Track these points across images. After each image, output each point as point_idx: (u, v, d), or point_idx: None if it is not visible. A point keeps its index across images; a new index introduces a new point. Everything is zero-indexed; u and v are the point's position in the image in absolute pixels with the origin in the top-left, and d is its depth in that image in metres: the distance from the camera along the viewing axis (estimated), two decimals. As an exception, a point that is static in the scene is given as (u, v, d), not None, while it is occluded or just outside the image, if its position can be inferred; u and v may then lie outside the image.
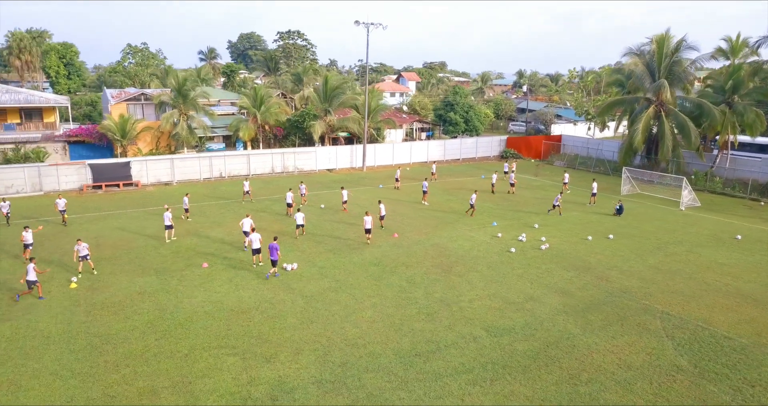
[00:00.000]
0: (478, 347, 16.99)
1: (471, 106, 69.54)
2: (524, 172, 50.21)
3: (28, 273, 20.05)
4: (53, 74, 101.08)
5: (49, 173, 39.08)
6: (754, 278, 23.32)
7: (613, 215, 33.68)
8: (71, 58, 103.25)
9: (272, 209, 34.91)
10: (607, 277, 23.22)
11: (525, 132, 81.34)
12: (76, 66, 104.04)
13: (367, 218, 27.15)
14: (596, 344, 17.29)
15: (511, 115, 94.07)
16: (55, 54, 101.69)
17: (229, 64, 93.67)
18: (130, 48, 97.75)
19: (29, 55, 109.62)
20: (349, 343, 17.25)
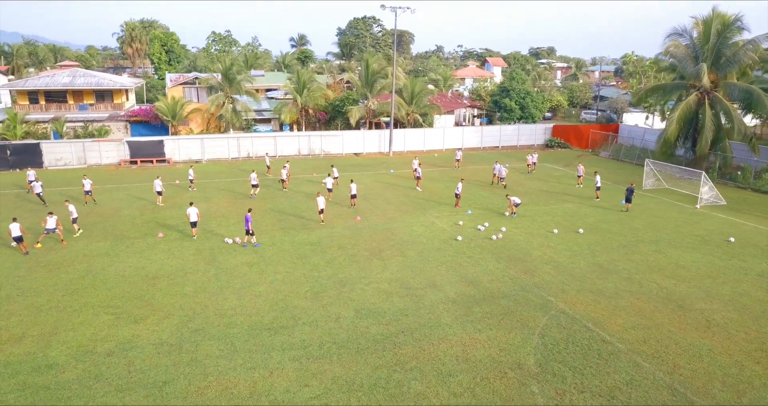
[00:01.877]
0: (333, 327, 17.24)
1: (528, 93, 66.81)
2: (555, 163, 47.80)
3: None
4: (156, 60, 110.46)
5: (92, 149, 43.65)
6: (701, 283, 21.05)
7: (624, 204, 31.50)
8: (172, 46, 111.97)
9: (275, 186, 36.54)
10: (534, 271, 22.11)
11: (596, 121, 76.72)
12: (176, 53, 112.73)
13: (319, 198, 27.85)
14: (455, 335, 16.84)
15: (586, 102, 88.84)
16: (158, 42, 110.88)
17: (304, 50, 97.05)
18: (214, 35, 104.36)
19: (139, 43, 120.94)
20: (219, 313, 18.23)
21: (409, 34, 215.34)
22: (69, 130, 51.75)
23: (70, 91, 56.56)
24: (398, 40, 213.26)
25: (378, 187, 37.27)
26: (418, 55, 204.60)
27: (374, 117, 59.18)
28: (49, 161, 42.79)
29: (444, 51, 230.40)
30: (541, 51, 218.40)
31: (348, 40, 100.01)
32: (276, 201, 33.15)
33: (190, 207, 25.74)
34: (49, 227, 24.49)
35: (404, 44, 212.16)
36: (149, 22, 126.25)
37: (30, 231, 26.14)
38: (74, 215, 26.18)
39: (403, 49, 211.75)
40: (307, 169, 43.21)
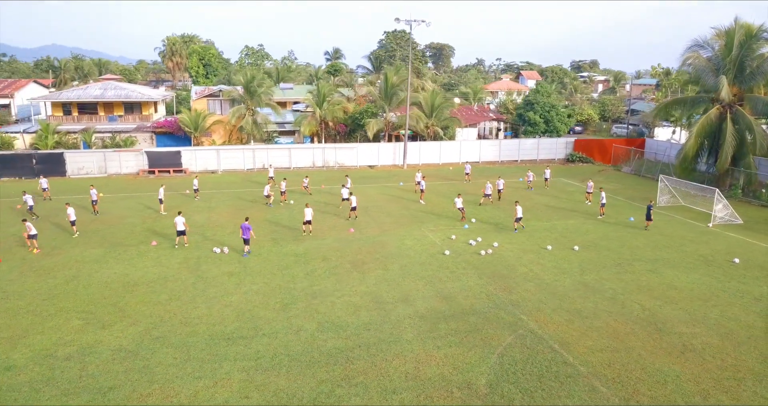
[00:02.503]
0: (291, 339, 17.17)
1: (553, 106, 65.64)
2: (572, 177, 46.65)
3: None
4: (194, 74, 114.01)
5: (113, 158, 45.22)
6: (689, 305, 20.02)
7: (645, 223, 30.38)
8: (209, 59, 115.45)
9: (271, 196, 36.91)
10: (514, 288, 21.52)
11: (626, 135, 74.64)
12: (213, 66, 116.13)
13: (307, 209, 27.96)
14: (412, 351, 16.50)
15: (619, 116, 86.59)
16: (196, 56, 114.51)
17: (334, 63, 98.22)
18: (247, 49, 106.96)
19: (179, 57, 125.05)
20: (185, 321, 18.43)
21: (449, 48, 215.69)
22: (97, 140, 53.80)
23: (101, 103, 58.89)
24: (438, 53, 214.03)
25: (381, 200, 37.18)
26: (458, 68, 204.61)
27: (393, 130, 59.30)
28: (72, 170, 44.52)
29: (485, 64, 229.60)
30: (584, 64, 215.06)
31: (378, 54, 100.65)
32: (275, 212, 33.45)
33: (178, 216, 26.23)
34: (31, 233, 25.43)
35: (444, 58, 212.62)
36: (189, 36, 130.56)
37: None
38: (72, 218, 27.20)
39: (443, 62, 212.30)
40: (317, 181, 43.49)
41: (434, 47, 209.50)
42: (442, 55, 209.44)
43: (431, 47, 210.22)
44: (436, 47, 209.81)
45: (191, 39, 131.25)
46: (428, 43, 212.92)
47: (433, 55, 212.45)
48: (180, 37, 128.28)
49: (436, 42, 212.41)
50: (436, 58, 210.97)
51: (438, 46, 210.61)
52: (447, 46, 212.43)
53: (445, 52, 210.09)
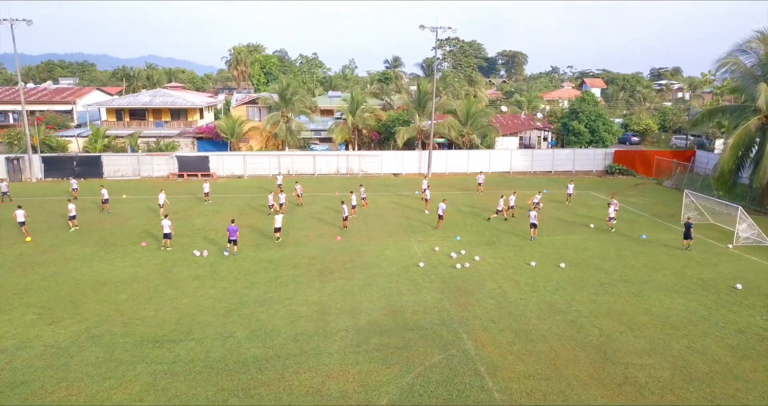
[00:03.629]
0: (216, 345, 17.18)
1: (599, 115, 62.53)
2: (603, 191, 44.13)
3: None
4: (255, 82, 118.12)
5: (146, 162, 47.49)
6: (657, 333, 18.26)
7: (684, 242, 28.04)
8: (270, 68, 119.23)
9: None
10: (471, 304, 20.51)
11: (685, 147, 69.92)
12: (273, 74, 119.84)
13: (278, 216, 28.12)
14: (328, 365, 16.05)
15: (681, 126, 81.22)
16: (258, 64, 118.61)
17: (385, 71, 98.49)
18: (301, 58, 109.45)
19: (244, 66, 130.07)
20: (127, 322, 18.90)
21: (522, 55, 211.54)
22: (143, 144, 56.69)
23: (150, 110, 62.10)
24: (510, 61, 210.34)
25: (386, 208, 36.73)
26: (531, 76, 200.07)
27: (427, 138, 58.59)
28: (109, 172, 47.14)
29: (559, 72, 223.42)
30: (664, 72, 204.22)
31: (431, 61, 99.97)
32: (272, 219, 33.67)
33: (164, 219, 27.02)
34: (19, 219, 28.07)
35: (516, 65, 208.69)
36: (254, 46, 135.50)
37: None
38: (72, 213, 28.80)
39: (516, 70, 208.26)
40: (330, 188, 43.61)
41: (506, 55, 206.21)
42: (514, 63, 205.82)
43: (503, 55, 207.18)
44: (508, 55, 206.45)
45: (256, 48, 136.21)
46: (500, 51, 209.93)
47: (506, 63, 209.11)
48: (245, 47, 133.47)
49: (509, 50, 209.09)
50: (508, 65, 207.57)
51: (510, 53, 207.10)
52: (520, 53, 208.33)
53: (517, 59, 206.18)
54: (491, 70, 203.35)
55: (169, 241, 26.93)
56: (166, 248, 26.98)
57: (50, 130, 57.84)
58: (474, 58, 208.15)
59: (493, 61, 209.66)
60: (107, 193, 35.67)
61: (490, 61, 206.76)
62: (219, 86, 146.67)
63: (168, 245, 26.99)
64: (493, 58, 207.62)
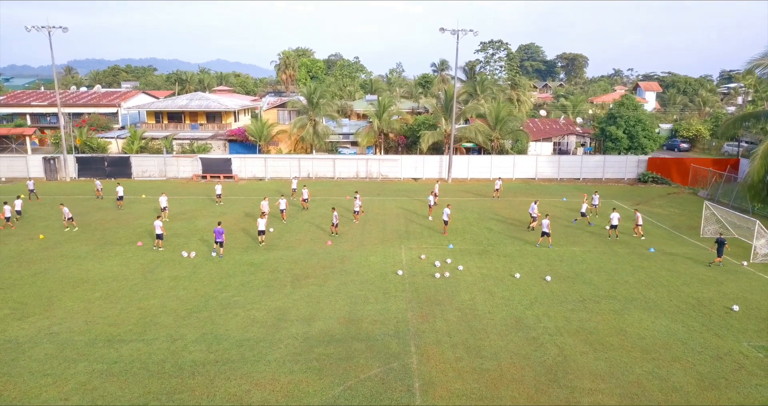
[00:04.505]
0: (162, 347, 17.34)
1: (639, 120, 59.59)
2: (628, 200, 41.95)
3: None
4: (301, 86, 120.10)
5: (171, 163, 49.01)
6: (622, 356, 17.01)
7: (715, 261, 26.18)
8: (316, 72, 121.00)
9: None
10: (434, 316, 19.83)
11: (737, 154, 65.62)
12: (320, 78, 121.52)
13: (261, 220, 28.19)
14: (261, 373, 15.88)
15: (735, 133, 76.15)
16: (305, 69, 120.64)
17: (425, 75, 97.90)
18: (343, 61, 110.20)
19: (292, 70, 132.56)
20: (90, 320, 19.40)
21: (582, 58, 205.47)
22: (177, 146, 58.63)
23: (187, 112, 64.16)
24: (570, 63, 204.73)
25: (391, 213, 36.28)
26: (592, 79, 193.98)
27: (455, 142, 57.63)
28: (137, 173, 48.97)
29: (622, 75, 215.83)
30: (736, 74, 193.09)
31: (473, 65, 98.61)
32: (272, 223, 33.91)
33: (156, 220, 27.66)
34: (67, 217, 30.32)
35: (576, 68, 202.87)
36: (303, 50, 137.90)
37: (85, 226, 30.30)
38: (68, 215, 29.93)
39: (576, 73, 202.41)
40: (346, 192, 43.52)
41: (566, 57, 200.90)
42: (574, 66, 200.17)
43: (563, 58, 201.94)
44: (568, 57, 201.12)
45: (304, 52, 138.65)
46: (560, 54, 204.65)
47: (565, 66, 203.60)
48: (294, 51, 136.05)
49: (569, 52, 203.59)
50: (567, 68, 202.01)
51: (570, 56, 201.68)
52: (580, 56, 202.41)
53: (577, 62, 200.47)
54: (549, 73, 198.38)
55: (160, 241, 27.54)
56: (159, 248, 27.59)
57: (93, 131, 60.78)
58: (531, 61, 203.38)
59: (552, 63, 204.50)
60: (122, 191, 37.14)
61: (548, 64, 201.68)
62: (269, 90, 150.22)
63: (160, 245, 27.61)
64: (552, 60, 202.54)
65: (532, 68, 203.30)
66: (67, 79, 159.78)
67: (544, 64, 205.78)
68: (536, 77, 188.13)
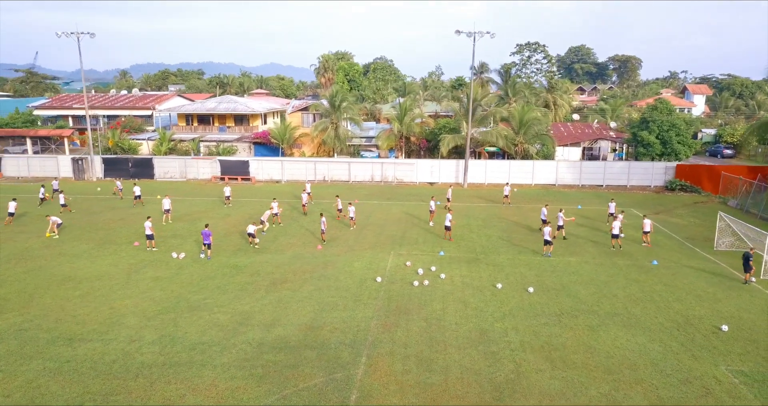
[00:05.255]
0: (117, 348, 17.59)
1: (673, 125, 56.90)
2: (648, 208, 40.03)
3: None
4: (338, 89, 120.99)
5: (192, 165, 50.17)
6: (581, 376, 16.08)
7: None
8: (353, 75, 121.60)
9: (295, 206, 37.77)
10: (397, 326, 19.36)
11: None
12: (357, 82, 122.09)
13: (251, 226, 28.34)
14: (202, 377, 15.85)
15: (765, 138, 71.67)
16: (342, 72, 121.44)
17: (459, 77, 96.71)
18: (377, 64, 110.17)
19: (331, 73, 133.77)
20: (60, 318, 19.91)
21: (635, 60, 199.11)
22: (204, 148, 60.06)
23: (215, 115, 65.62)
24: (623, 65, 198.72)
25: (394, 218, 35.86)
26: (646, 81, 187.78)
27: (477, 146, 56.64)
28: (159, 174, 50.37)
29: (678, 77, 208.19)
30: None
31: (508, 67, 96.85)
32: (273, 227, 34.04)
33: (147, 221, 28.24)
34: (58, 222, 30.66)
35: (629, 70, 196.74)
36: (342, 53, 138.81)
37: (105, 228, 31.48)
38: (58, 221, 30.81)
39: (628, 75, 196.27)
40: (356, 196, 43.36)
41: (618, 59, 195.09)
42: (626, 68, 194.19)
43: (615, 59, 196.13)
44: (620, 59, 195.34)
45: (343, 56, 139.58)
46: (612, 56, 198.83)
47: (617, 68, 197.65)
48: (334, 55, 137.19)
49: (621, 54, 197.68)
50: (620, 71, 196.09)
51: (623, 58, 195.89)
52: (633, 58, 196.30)
53: (630, 64, 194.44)
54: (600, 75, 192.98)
55: (152, 242, 28.09)
56: (152, 248, 28.15)
57: (126, 133, 62.99)
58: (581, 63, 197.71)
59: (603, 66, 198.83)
60: (139, 191, 38.35)
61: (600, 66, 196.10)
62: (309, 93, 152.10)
63: (153, 245, 28.16)
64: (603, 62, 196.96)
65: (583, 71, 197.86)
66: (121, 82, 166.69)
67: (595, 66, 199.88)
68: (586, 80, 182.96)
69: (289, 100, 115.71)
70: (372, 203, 40.81)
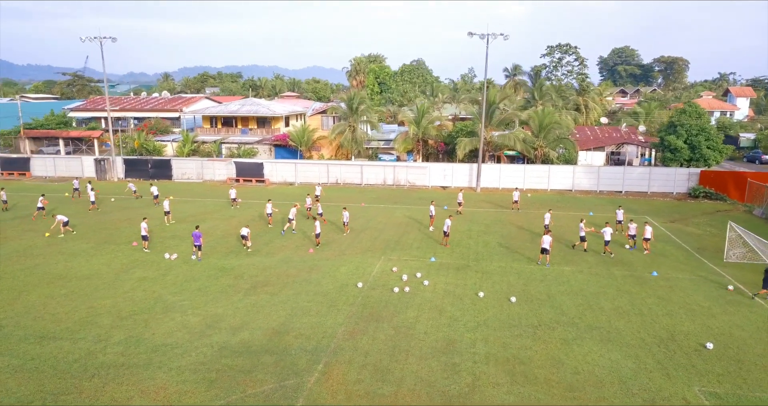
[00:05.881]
0: (83, 347, 17.88)
1: (702, 129, 54.51)
2: (664, 217, 38.43)
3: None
4: (369, 92, 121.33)
5: (208, 166, 51.04)
6: (538, 392, 15.42)
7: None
8: (384, 78, 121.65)
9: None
10: (363, 333, 19.05)
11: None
12: (387, 84, 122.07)
13: (245, 228, 28.42)
14: (154, 380, 15.92)
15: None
16: (373, 74, 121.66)
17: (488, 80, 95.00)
18: (405, 67, 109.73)
19: (362, 76, 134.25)
20: (39, 316, 20.42)
21: (682, 61, 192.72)
22: (226, 150, 61.08)
23: (238, 117, 66.61)
24: (669, 67, 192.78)
25: (395, 222, 35.53)
26: (693, 84, 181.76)
27: (496, 150, 55.71)
28: (177, 175, 51.44)
29: (728, 79, 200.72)
30: None
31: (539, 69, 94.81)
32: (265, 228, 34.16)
33: (143, 222, 28.74)
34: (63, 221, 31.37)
35: (675, 72, 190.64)
36: (374, 56, 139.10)
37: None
38: (64, 220, 31.52)
39: (674, 77, 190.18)
40: (364, 199, 43.19)
41: (664, 61, 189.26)
42: (673, 70, 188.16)
43: (660, 61, 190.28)
44: (666, 61, 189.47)
45: (375, 58, 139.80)
46: (657, 57, 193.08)
47: (663, 70, 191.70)
48: (366, 57, 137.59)
49: (667, 55, 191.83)
50: (666, 73, 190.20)
51: (669, 59, 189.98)
52: (680, 59, 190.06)
53: (677, 66, 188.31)
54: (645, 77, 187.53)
55: (146, 242, 28.59)
56: (145, 249, 28.66)
57: (152, 135, 64.65)
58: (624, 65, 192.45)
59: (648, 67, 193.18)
60: (156, 190, 39.41)
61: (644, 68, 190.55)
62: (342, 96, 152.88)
63: (146, 246, 28.66)
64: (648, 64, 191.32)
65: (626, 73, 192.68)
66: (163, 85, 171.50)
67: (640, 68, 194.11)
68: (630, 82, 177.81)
69: (321, 103, 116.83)
70: (378, 207, 40.58)
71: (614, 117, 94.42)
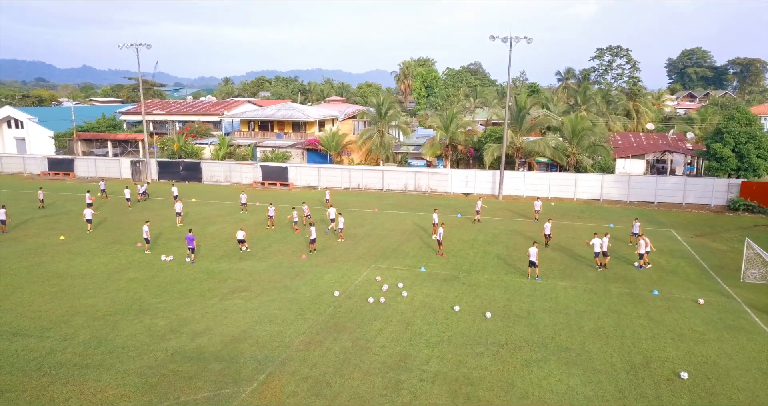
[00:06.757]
0: (49, 345, 18.52)
1: (752, 137, 50.83)
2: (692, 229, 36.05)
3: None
4: (416, 96, 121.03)
5: (236, 169, 52.21)
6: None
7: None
8: (431, 82, 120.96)
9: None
10: (319, 344, 18.78)
11: None
12: (434, 88, 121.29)
13: (240, 231, 28.66)
14: (99, 382, 16.26)
15: None
16: (420, 79, 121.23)
17: (533, 83, 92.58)
18: (450, 71, 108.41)
19: (411, 80, 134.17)
20: (21, 313, 21.36)
21: (760, 63, 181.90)
22: (261, 153, 62.37)
23: (274, 121, 67.89)
24: (745, 70, 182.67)
25: (400, 229, 35.07)
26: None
27: (526, 156, 54.07)
28: (206, 177, 52.93)
29: None
30: None
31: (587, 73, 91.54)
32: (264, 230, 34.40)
33: (144, 225, 29.61)
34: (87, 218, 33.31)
35: (752, 75, 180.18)
36: (424, 60, 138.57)
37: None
38: (87, 217, 33.02)
39: (751, 80, 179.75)
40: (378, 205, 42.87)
41: (739, 63, 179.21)
42: (749, 72, 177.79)
43: (735, 63, 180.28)
44: (741, 63, 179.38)
45: (425, 62, 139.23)
46: (732, 59, 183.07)
47: (738, 73, 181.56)
48: (415, 61, 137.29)
49: (743, 57, 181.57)
50: (741, 76, 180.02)
51: (745, 61, 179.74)
52: (757, 61, 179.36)
53: (753, 68, 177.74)
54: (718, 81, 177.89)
55: (146, 245, 29.42)
56: (145, 251, 29.51)
57: (191, 138, 66.84)
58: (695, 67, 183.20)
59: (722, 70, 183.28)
60: (176, 191, 40.79)
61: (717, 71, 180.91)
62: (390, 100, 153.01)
63: (147, 248, 29.50)
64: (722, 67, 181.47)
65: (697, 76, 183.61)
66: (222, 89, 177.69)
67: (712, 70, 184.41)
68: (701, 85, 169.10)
69: (350, 107, 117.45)
70: (391, 213, 40.18)
71: (669, 123, 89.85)
